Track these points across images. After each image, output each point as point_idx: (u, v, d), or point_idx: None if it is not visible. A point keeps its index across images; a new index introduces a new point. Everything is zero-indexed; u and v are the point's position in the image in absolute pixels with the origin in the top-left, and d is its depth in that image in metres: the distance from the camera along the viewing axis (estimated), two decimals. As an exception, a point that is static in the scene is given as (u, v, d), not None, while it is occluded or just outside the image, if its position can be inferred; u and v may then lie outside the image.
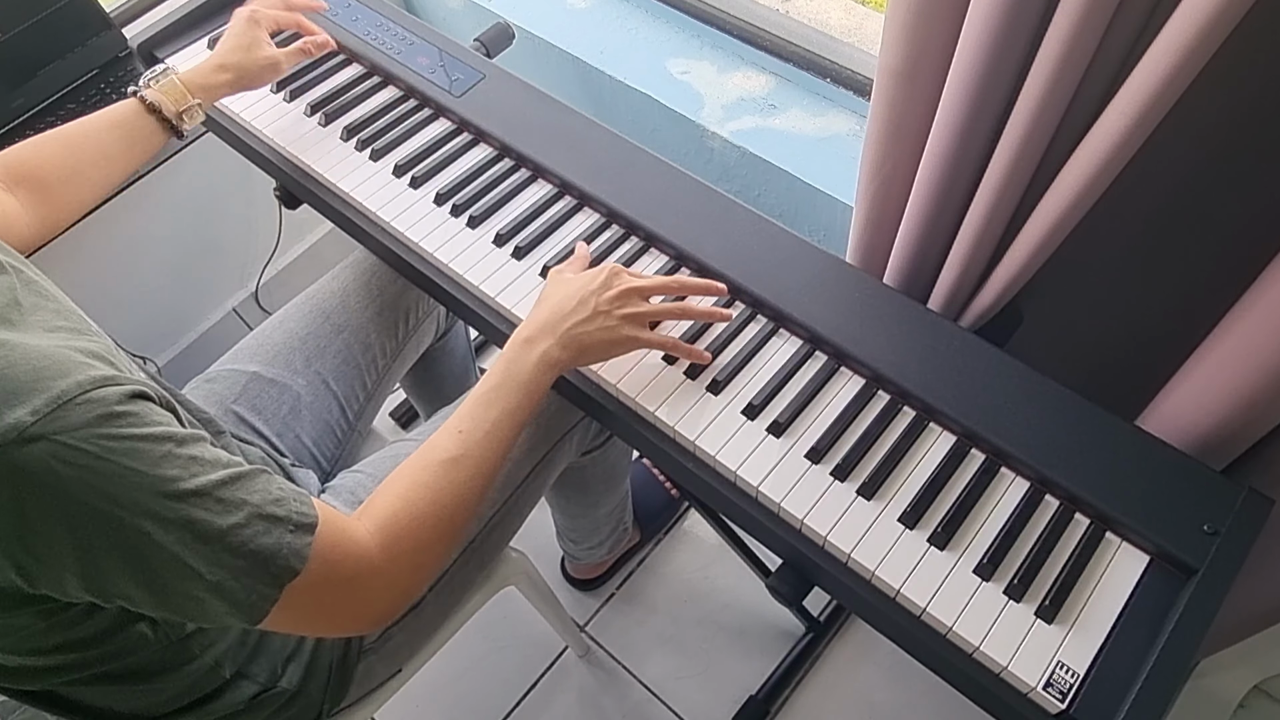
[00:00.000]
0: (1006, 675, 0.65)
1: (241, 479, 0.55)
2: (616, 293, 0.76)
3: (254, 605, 0.54)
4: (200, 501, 0.51)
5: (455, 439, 0.69)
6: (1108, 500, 0.70)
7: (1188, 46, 0.56)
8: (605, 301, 0.75)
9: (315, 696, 0.79)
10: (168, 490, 0.50)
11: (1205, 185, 0.75)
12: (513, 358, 0.73)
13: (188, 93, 0.90)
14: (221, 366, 0.98)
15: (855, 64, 1.26)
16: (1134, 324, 0.91)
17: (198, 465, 0.52)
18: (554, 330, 0.74)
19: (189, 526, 0.51)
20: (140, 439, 0.49)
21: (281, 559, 0.55)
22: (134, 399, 0.50)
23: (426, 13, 1.70)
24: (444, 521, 0.66)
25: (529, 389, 0.72)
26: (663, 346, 0.78)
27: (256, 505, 0.55)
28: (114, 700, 0.66)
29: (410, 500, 0.65)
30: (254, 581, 0.54)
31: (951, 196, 0.82)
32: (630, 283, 0.77)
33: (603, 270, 0.77)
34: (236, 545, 0.53)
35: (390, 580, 0.63)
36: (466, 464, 0.68)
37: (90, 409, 0.48)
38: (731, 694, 1.30)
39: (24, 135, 1.30)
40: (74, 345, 0.52)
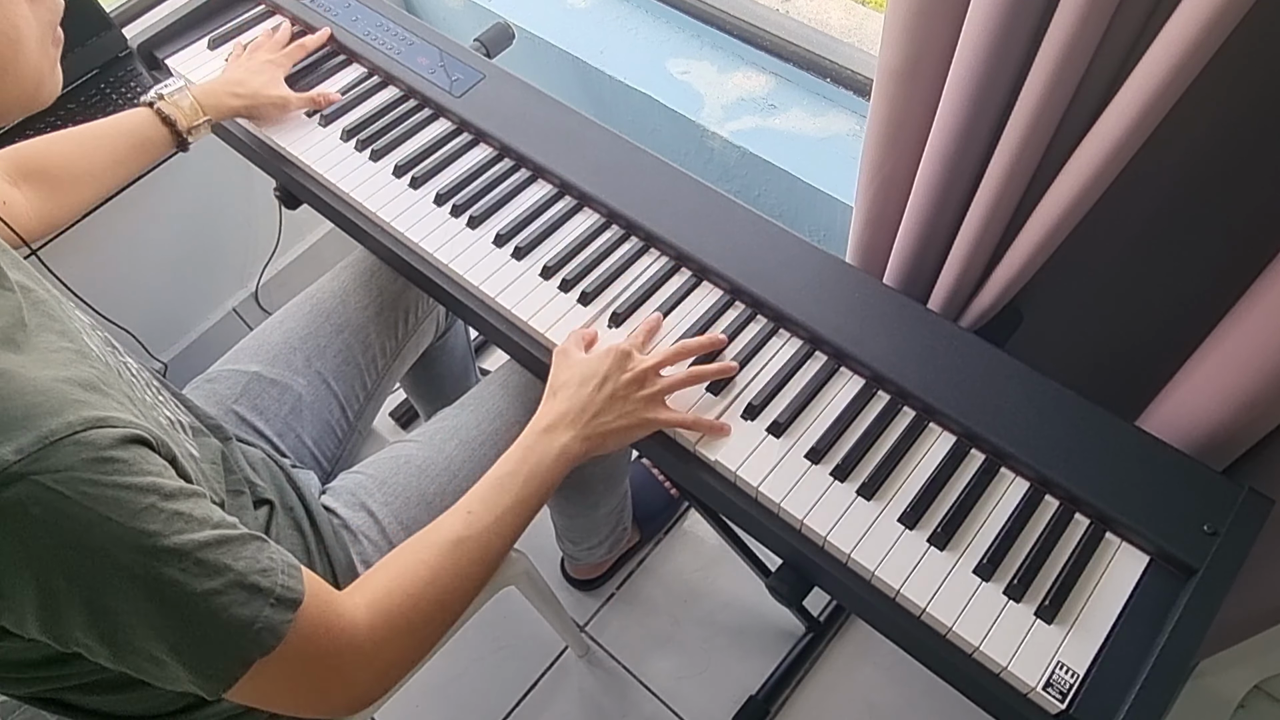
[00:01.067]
0: (1006, 675, 0.65)
1: (229, 543, 0.52)
2: (632, 376, 0.75)
3: (217, 676, 0.51)
4: (177, 561, 0.49)
5: (463, 520, 0.67)
6: (1108, 500, 0.70)
7: (1188, 46, 0.56)
8: (623, 386, 0.74)
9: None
10: (143, 545, 0.47)
11: (1205, 185, 0.75)
12: (531, 445, 0.72)
13: (201, 110, 0.94)
14: (222, 367, 0.98)
15: (855, 64, 1.26)
16: (1134, 324, 0.91)
17: (181, 522, 0.49)
18: (575, 423, 0.73)
19: (159, 585, 0.48)
20: (124, 488, 0.47)
21: (254, 633, 0.51)
22: (127, 444, 0.48)
23: (426, 13, 1.70)
24: (439, 605, 0.63)
25: (544, 480, 0.71)
26: (684, 425, 0.77)
27: (240, 573, 0.51)
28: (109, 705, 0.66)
29: (407, 578, 0.62)
30: (220, 652, 0.51)
31: (951, 196, 0.82)
32: (643, 364, 0.76)
33: (611, 353, 0.76)
34: (208, 613, 0.50)
35: (372, 663, 0.59)
36: (471, 547, 0.66)
37: (78, 451, 0.46)
38: (731, 694, 1.30)
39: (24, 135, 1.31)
40: (73, 375, 0.50)
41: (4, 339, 0.50)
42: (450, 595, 0.64)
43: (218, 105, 0.95)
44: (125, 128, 0.90)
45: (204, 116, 0.94)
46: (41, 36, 0.57)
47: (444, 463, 0.89)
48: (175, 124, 0.91)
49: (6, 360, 0.48)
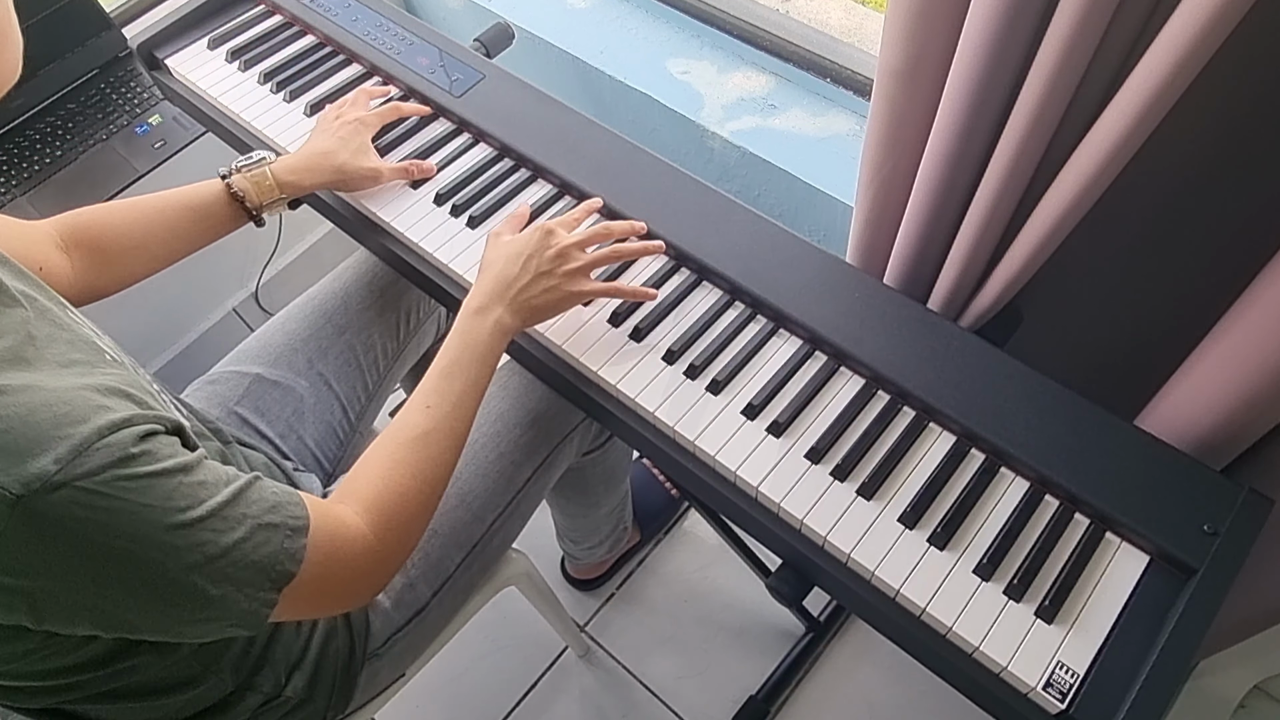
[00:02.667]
0: (1006, 675, 0.65)
1: (242, 493, 0.56)
2: (555, 251, 0.79)
3: (255, 612, 0.56)
4: (209, 523, 0.53)
5: (424, 414, 0.71)
6: (1108, 500, 0.70)
7: (1188, 46, 0.56)
8: (546, 261, 0.78)
9: (320, 703, 0.79)
10: (179, 520, 0.51)
11: (1204, 185, 0.75)
12: (466, 329, 0.75)
13: (277, 188, 0.88)
14: (224, 368, 0.98)
15: (855, 64, 1.26)
16: (1134, 324, 0.91)
17: (204, 490, 0.53)
18: (502, 298, 0.76)
19: (199, 550, 0.52)
20: (154, 475, 0.50)
21: (279, 565, 0.56)
22: (147, 438, 0.51)
23: (426, 13, 1.70)
24: (426, 494, 0.69)
25: (486, 358, 0.75)
26: (607, 293, 0.82)
27: (256, 516, 0.56)
28: (121, 715, 0.66)
29: (392, 478, 0.67)
30: (255, 590, 0.55)
31: (951, 196, 0.82)
32: (565, 240, 0.80)
33: (536, 230, 0.80)
34: (240, 559, 0.54)
35: (383, 556, 0.65)
36: (438, 437, 0.70)
37: (109, 453, 0.48)
38: (731, 694, 1.30)
39: (24, 134, 1.31)
40: (90, 383, 0.52)
41: (14, 358, 0.51)
42: (431, 483, 0.69)
43: (299, 184, 0.89)
44: (191, 201, 0.85)
45: (280, 194, 0.88)
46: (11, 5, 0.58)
47: (444, 463, 0.89)
48: (245, 200, 0.86)
49: (23, 378, 0.49)
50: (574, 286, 0.79)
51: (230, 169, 0.88)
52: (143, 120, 1.36)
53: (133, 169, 1.32)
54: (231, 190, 0.86)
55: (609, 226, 0.84)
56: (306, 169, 0.90)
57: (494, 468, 0.90)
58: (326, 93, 1.06)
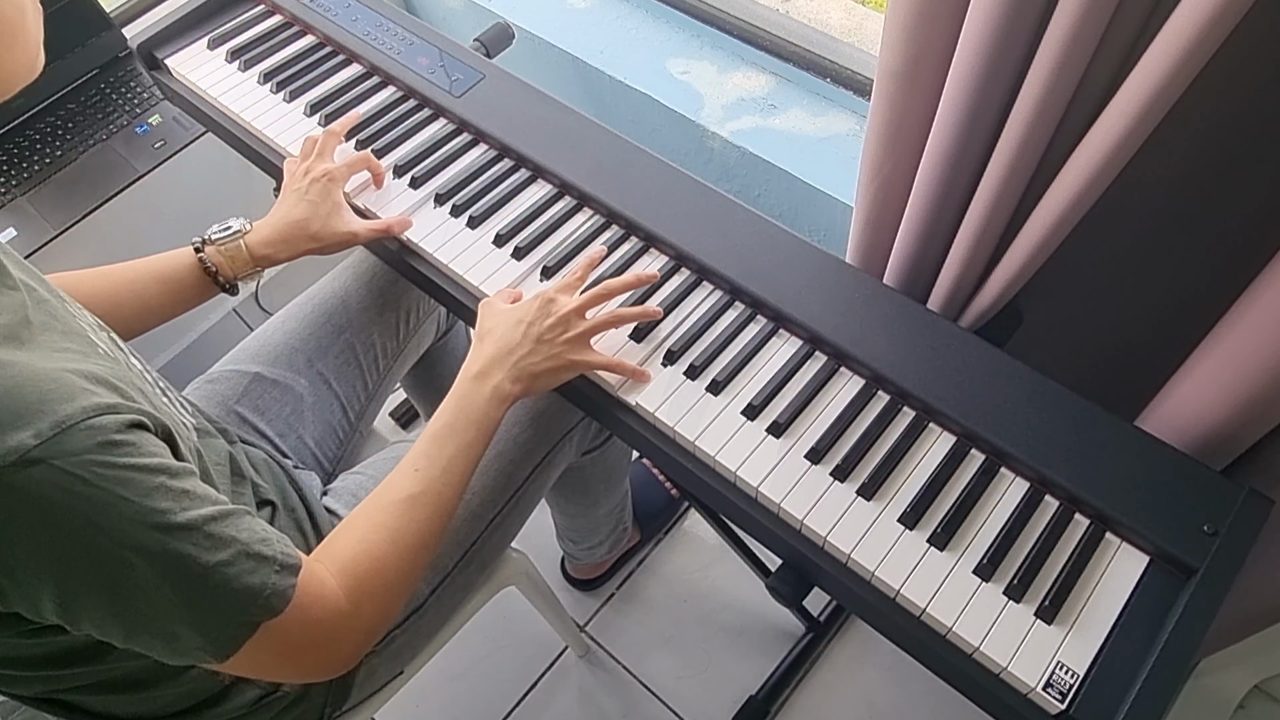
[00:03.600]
0: (1006, 675, 0.65)
1: (230, 516, 0.55)
2: (555, 319, 0.76)
3: (227, 642, 0.54)
4: (189, 536, 0.51)
5: (412, 478, 0.69)
6: (1108, 500, 0.70)
7: (1188, 46, 0.56)
8: (546, 329, 0.76)
9: (317, 700, 0.79)
10: (157, 522, 0.50)
11: (1204, 185, 0.75)
12: (464, 394, 0.74)
13: (251, 262, 0.86)
14: (223, 367, 0.98)
15: (855, 64, 1.26)
16: (1134, 324, 0.91)
17: (189, 499, 0.52)
18: (502, 365, 0.74)
19: (176, 559, 0.51)
20: (135, 469, 0.49)
21: (263, 599, 0.55)
22: (132, 429, 0.50)
23: (426, 13, 1.70)
24: (405, 562, 0.66)
25: (482, 424, 0.73)
26: (608, 367, 0.79)
27: (245, 543, 0.55)
28: (113, 706, 0.66)
29: (370, 543, 0.65)
30: (232, 618, 0.54)
31: (951, 196, 0.82)
32: (566, 306, 0.77)
33: (536, 298, 0.78)
34: (222, 582, 0.53)
35: (357, 625, 0.62)
36: (425, 502, 0.68)
37: (91, 435, 0.48)
38: (731, 694, 1.30)
39: (24, 134, 1.31)
40: (79, 368, 0.51)
41: (9, 335, 0.51)
42: (413, 551, 0.67)
43: (274, 256, 0.87)
44: (161, 271, 0.83)
45: (253, 268, 0.86)
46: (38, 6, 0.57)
47: (444, 464, 0.89)
48: (218, 274, 0.85)
49: (14, 354, 0.49)
50: (576, 355, 0.77)
51: (204, 239, 0.86)
52: (143, 120, 1.36)
53: (133, 169, 1.32)
54: (204, 265, 0.84)
55: (610, 286, 0.80)
56: (282, 241, 0.87)
57: (493, 466, 0.90)
58: (326, 92, 1.06)
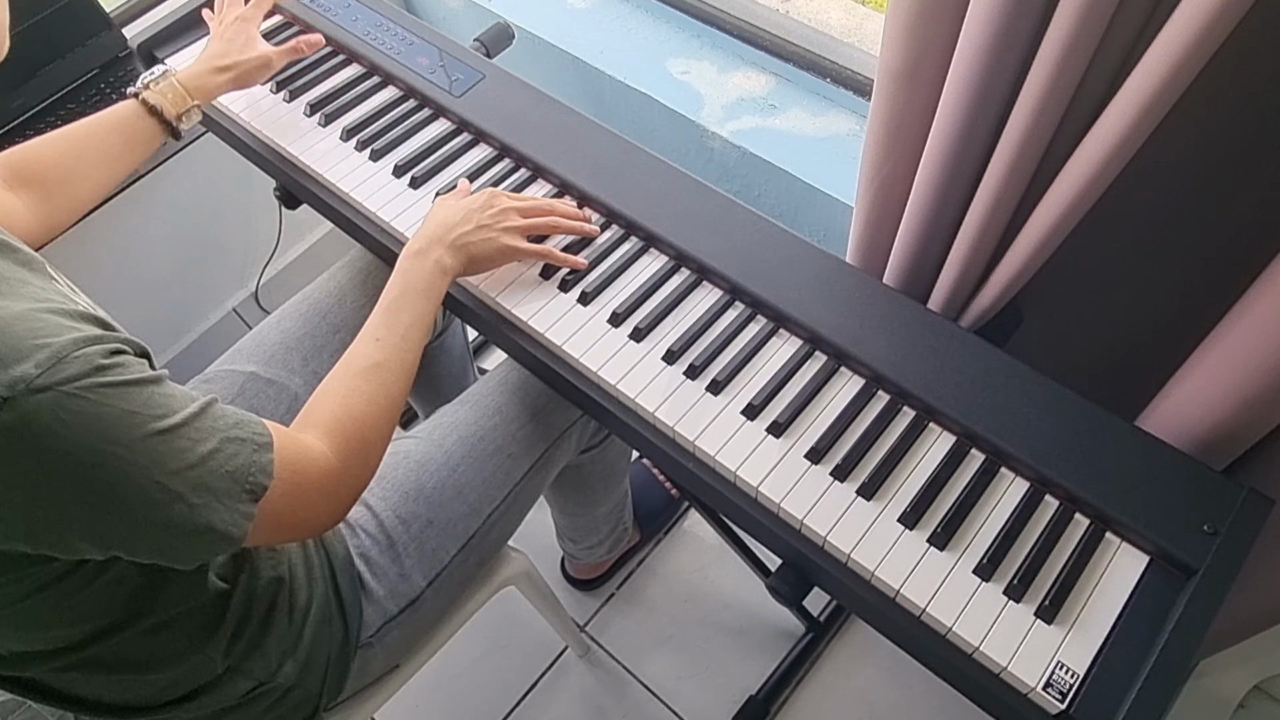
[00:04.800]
0: (1006, 675, 0.65)
1: (206, 408, 0.59)
2: (497, 210, 0.85)
3: (236, 524, 0.58)
4: (184, 432, 0.56)
5: (375, 346, 0.75)
6: (1108, 500, 0.70)
7: (1188, 46, 0.56)
8: (487, 216, 0.84)
9: (313, 690, 0.79)
10: (159, 427, 0.54)
11: (1204, 185, 0.75)
12: (408, 269, 0.80)
13: (187, 95, 0.92)
14: (219, 367, 0.98)
15: (855, 64, 1.26)
16: (1134, 324, 0.91)
17: (175, 401, 0.56)
18: (441, 240, 0.81)
19: (179, 456, 0.55)
20: (129, 384, 0.54)
21: (252, 476, 0.59)
22: (116, 354, 0.55)
23: (426, 13, 1.70)
24: (381, 420, 0.72)
25: (428, 293, 0.79)
26: (540, 255, 0.87)
27: (223, 430, 0.59)
28: (104, 691, 0.66)
29: (349, 405, 0.70)
30: (233, 501, 0.58)
31: (951, 196, 0.82)
32: (507, 202, 0.87)
33: (483, 192, 0.87)
34: (215, 468, 0.57)
35: (345, 477, 0.68)
36: (390, 367, 0.74)
37: (86, 361, 0.51)
38: (731, 694, 1.30)
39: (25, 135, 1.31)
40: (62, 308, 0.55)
41: None
42: (386, 409, 0.73)
43: (203, 86, 0.94)
44: (113, 122, 0.89)
45: (192, 101, 0.92)
46: None
47: (443, 458, 0.89)
48: (162, 112, 0.90)
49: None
50: (509, 240, 0.84)
51: (139, 85, 0.91)
52: (143, 120, 1.36)
53: (132, 169, 1.31)
54: (148, 105, 0.90)
55: (551, 204, 0.90)
56: (206, 72, 0.95)
57: (491, 461, 0.90)
58: (327, 92, 1.06)
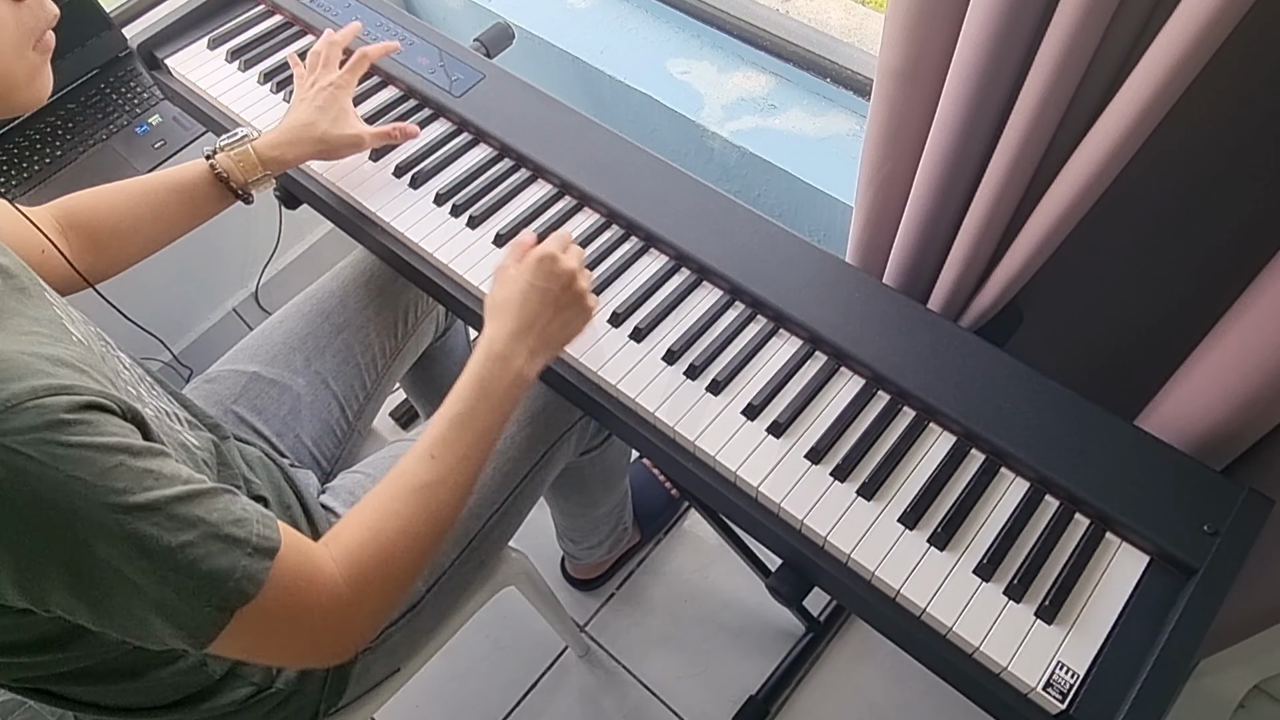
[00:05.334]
0: (1006, 675, 0.65)
1: (200, 496, 0.53)
2: (563, 274, 0.75)
3: (199, 628, 0.53)
4: (149, 516, 0.50)
5: (428, 465, 0.66)
6: (1108, 500, 0.70)
7: (1187, 46, 0.56)
8: (560, 291, 0.75)
9: (312, 696, 0.79)
10: (114, 503, 0.48)
11: (1204, 185, 0.75)
12: (485, 376, 0.71)
13: (260, 165, 0.88)
14: (221, 367, 0.98)
15: (855, 64, 1.26)
16: (1134, 323, 0.91)
17: (151, 479, 0.51)
18: (524, 339, 0.72)
19: (135, 541, 0.49)
20: (89, 447, 0.48)
21: (233, 582, 0.53)
22: (88, 409, 0.49)
23: (426, 13, 1.70)
24: (415, 551, 0.64)
25: (503, 409, 0.71)
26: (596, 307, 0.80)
27: (214, 524, 0.53)
28: (99, 696, 0.66)
29: (380, 530, 0.63)
30: (200, 603, 0.52)
31: (951, 196, 0.82)
32: (567, 264, 0.76)
33: (538, 261, 0.76)
34: (185, 564, 0.51)
35: (355, 613, 0.61)
36: (440, 490, 0.66)
37: (39, 414, 0.46)
38: (731, 694, 1.30)
39: (24, 134, 1.31)
40: (41, 351, 0.51)
41: None
42: (423, 540, 0.65)
43: (282, 158, 0.89)
44: (176, 183, 0.86)
45: (263, 171, 0.88)
46: (19, 41, 0.55)
47: (443, 463, 0.89)
48: (229, 179, 0.86)
49: None
50: (588, 304, 0.77)
51: (214, 149, 0.88)
52: (143, 120, 1.36)
53: (133, 169, 1.32)
54: (215, 170, 0.86)
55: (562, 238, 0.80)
56: (288, 143, 0.89)
57: (491, 463, 0.90)
58: (326, 92, 1.06)
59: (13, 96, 0.55)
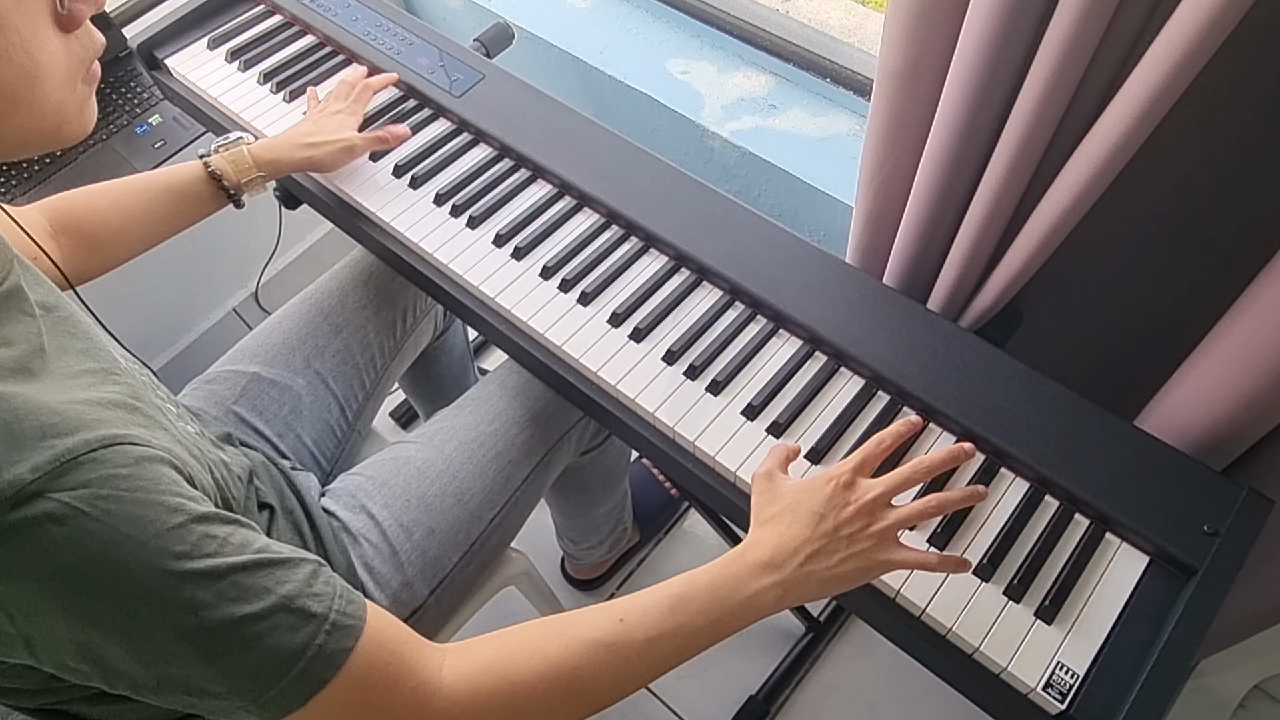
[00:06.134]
0: (1006, 676, 0.65)
1: (272, 565, 0.49)
2: (857, 509, 0.61)
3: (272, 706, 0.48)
4: (210, 584, 0.46)
5: (612, 625, 0.57)
6: (1108, 500, 0.70)
7: (1188, 47, 0.56)
8: (846, 522, 0.61)
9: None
10: (169, 568, 0.45)
11: (1204, 185, 0.75)
12: (729, 577, 0.60)
13: (254, 166, 0.89)
14: (221, 367, 0.98)
15: (855, 64, 1.26)
16: (1133, 324, 0.91)
17: (215, 544, 0.47)
18: (783, 566, 0.60)
19: (193, 610, 0.46)
20: (146, 505, 0.45)
21: (306, 663, 0.48)
22: (149, 462, 0.47)
23: (426, 13, 1.70)
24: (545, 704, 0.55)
25: (719, 620, 0.59)
26: (923, 565, 0.63)
27: (285, 596, 0.48)
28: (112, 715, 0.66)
29: (518, 663, 0.55)
30: (271, 683, 0.48)
31: (951, 196, 0.82)
32: (871, 492, 0.62)
33: (830, 480, 0.62)
34: (252, 639, 0.47)
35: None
36: (606, 658, 0.57)
37: (95, 468, 0.44)
38: (731, 694, 1.30)
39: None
40: (94, 397, 0.49)
41: (19, 368, 0.48)
42: (558, 700, 0.56)
43: (277, 160, 0.89)
44: (171, 182, 0.86)
45: (257, 173, 0.88)
46: (70, 73, 0.52)
47: (443, 464, 0.89)
48: (222, 179, 0.86)
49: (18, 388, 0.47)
50: (884, 555, 0.61)
51: (209, 150, 0.88)
52: (143, 120, 1.36)
53: (132, 169, 1.32)
54: (209, 170, 0.87)
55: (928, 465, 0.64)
56: (284, 146, 0.91)
57: (492, 465, 0.90)
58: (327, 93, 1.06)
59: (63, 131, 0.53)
